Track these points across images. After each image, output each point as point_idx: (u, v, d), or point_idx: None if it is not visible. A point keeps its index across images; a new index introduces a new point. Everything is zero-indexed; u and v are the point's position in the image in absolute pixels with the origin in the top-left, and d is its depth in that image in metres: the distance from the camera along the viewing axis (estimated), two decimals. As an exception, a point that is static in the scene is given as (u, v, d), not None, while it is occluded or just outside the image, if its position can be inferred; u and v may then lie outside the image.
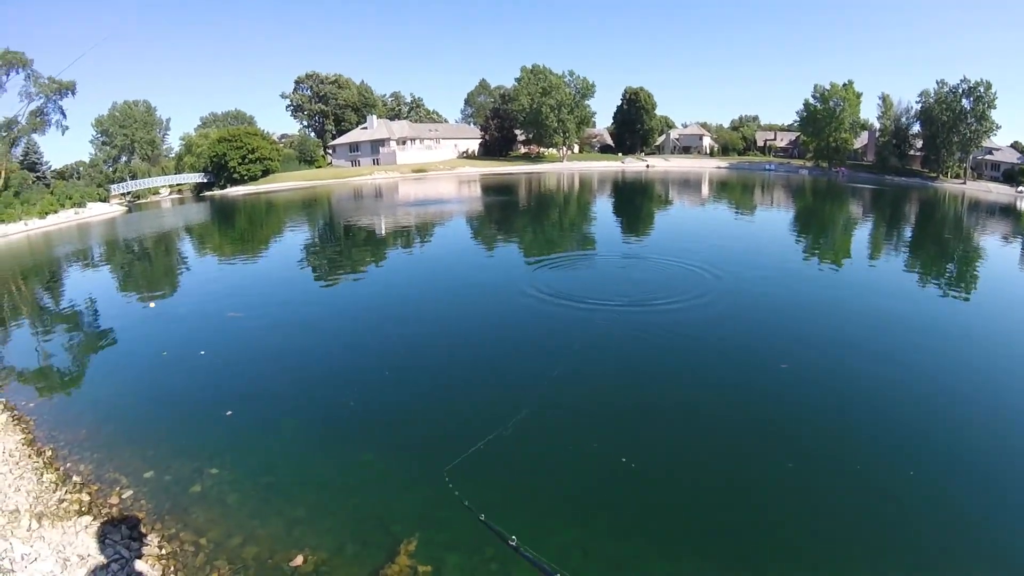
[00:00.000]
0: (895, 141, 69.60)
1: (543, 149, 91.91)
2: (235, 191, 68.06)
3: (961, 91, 59.24)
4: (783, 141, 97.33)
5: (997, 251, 19.48)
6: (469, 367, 8.70)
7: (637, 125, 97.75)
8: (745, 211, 30.66)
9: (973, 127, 58.15)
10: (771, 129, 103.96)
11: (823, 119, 72.40)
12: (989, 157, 63.19)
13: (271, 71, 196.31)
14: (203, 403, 7.67)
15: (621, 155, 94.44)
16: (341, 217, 34.86)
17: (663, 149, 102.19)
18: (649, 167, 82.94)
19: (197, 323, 11.57)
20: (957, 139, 59.24)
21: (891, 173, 65.51)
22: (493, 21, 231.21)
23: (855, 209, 32.17)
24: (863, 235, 22.24)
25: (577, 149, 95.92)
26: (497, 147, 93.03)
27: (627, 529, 4.92)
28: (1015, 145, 67.04)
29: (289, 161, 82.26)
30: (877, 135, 73.86)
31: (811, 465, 5.75)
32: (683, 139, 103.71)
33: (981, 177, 61.16)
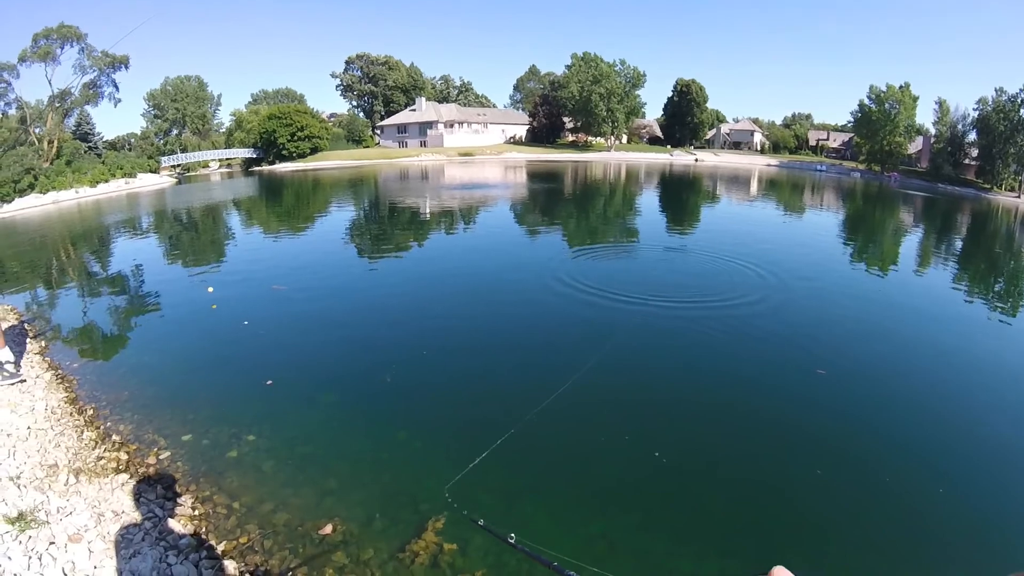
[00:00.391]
0: (950, 149, 66.98)
1: (591, 138, 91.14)
2: (283, 167, 69.06)
3: (1020, 100, 56.79)
4: (836, 142, 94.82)
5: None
6: (506, 351, 8.71)
7: (687, 118, 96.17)
8: (794, 212, 30.05)
9: (1030, 139, 55.87)
10: (824, 129, 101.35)
11: (877, 121, 70.13)
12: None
13: (322, 50, 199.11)
14: (244, 372, 7.83)
15: (670, 147, 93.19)
16: (387, 197, 35.12)
17: (713, 143, 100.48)
18: (698, 161, 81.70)
19: (241, 294, 11.78)
20: (1014, 150, 56.86)
21: (944, 181, 63.19)
22: (546, 7, 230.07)
23: (907, 217, 31.22)
24: (914, 245, 21.64)
25: (625, 139, 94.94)
26: (544, 134, 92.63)
27: (655, 523, 4.88)
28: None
29: (337, 140, 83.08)
30: (932, 141, 71.20)
31: (841, 473, 5.62)
32: (734, 134, 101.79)
33: (1037, 191, 58.75)
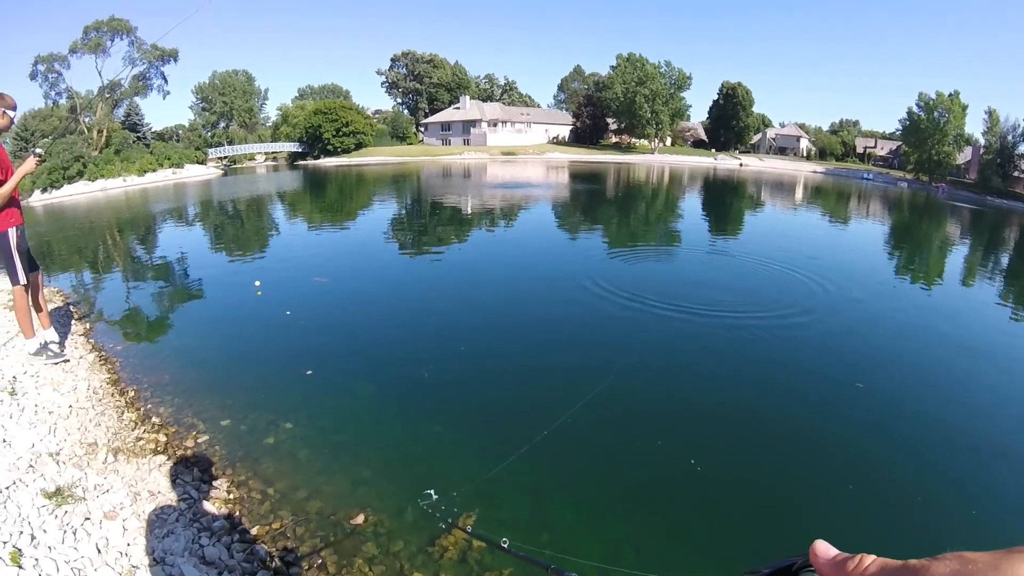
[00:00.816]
0: (999, 160, 64.79)
1: (634, 140, 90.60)
2: (328, 162, 70.14)
3: (1072, 111, 54.82)
4: (883, 150, 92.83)
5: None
6: (542, 351, 8.61)
7: (732, 121, 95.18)
8: (839, 220, 29.42)
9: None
10: (872, 136, 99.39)
11: (926, 130, 68.20)
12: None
13: (368, 47, 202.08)
14: (284, 360, 7.86)
15: (714, 151, 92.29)
16: (429, 194, 35.34)
17: (758, 148, 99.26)
18: (742, 165, 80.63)
19: (284, 284, 11.90)
20: (1065, 163, 54.91)
21: (992, 194, 61.01)
22: (592, 7, 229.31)
23: (954, 230, 30.31)
24: (962, 259, 20.92)
25: (669, 142, 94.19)
26: (588, 135, 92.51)
27: (684, 530, 4.77)
28: None
29: (381, 136, 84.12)
30: (981, 152, 69.02)
31: (870, 490, 5.41)
32: (779, 139, 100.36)
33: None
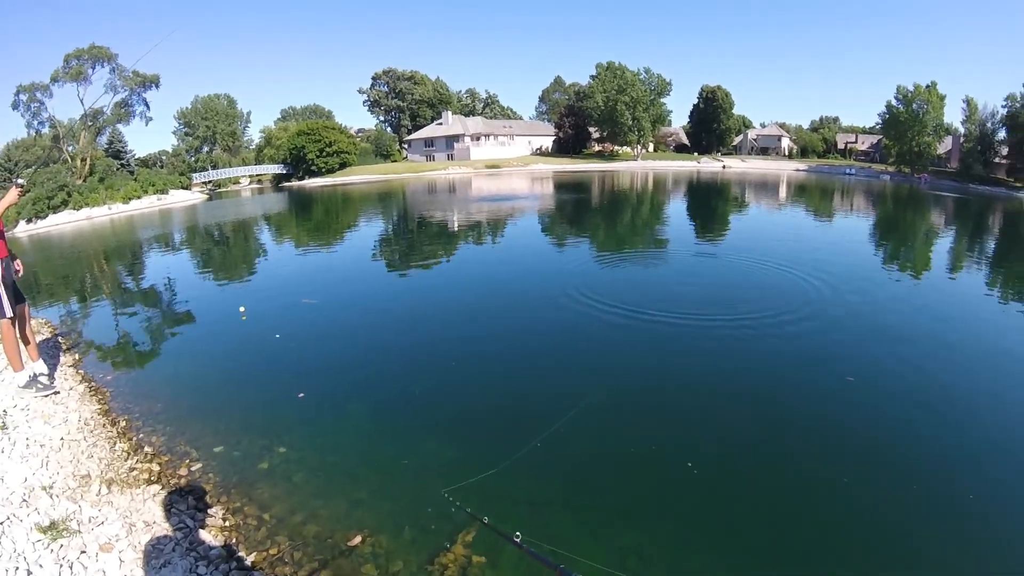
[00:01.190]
0: (979, 148, 65.31)
1: (617, 147, 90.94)
2: (313, 183, 70.10)
3: (1051, 95, 55.46)
4: (864, 144, 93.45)
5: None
6: (534, 361, 8.64)
7: (714, 124, 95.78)
8: (824, 216, 29.60)
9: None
10: (852, 131, 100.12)
11: (906, 122, 68.76)
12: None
13: (349, 67, 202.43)
14: (276, 384, 7.84)
15: (697, 155, 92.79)
16: (415, 210, 35.35)
17: (740, 149, 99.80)
18: (725, 167, 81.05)
19: (273, 307, 11.87)
20: (1046, 146, 55.42)
21: (975, 181, 61.52)
22: (570, 17, 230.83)
23: (941, 219, 30.56)
24: (948, 248, 21.09)
25: (652, 148, 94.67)
26: (571, 144, 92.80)
27: (689, 536, 4.76)
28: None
29: (365, 155, 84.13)
30: (961, 141, 69.64)
31: (869, 484, 5.44)
32: (761, 140, 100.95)
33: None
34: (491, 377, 8.10)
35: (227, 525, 4.70)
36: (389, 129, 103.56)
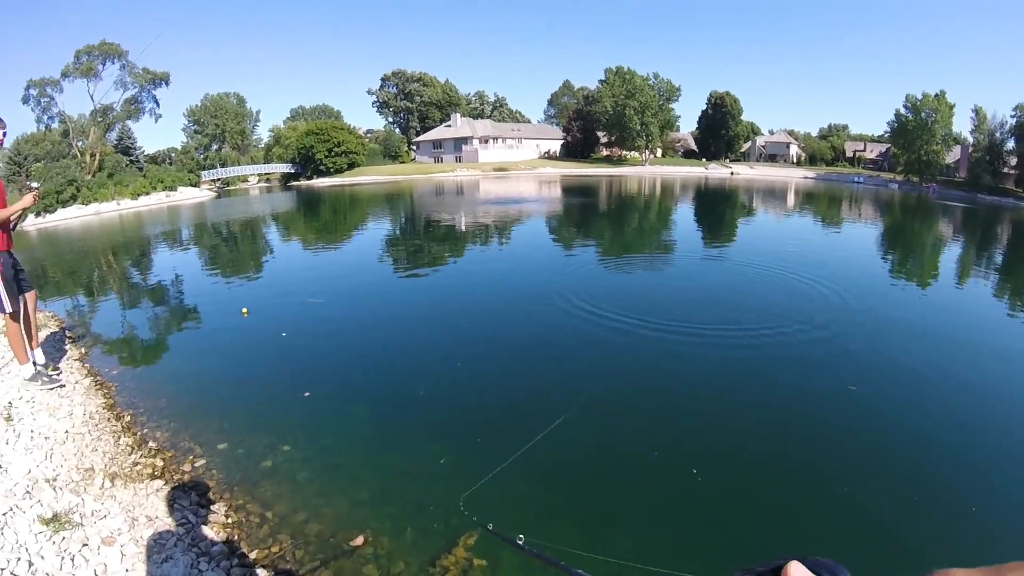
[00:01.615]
0: (988, 157, 65.03)
1: (625, 152, 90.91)
2: (321, 182, 70.26)
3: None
4: (873, 152, 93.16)
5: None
6: (543, 365, 8.60)
7: (722, 130, 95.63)
8: (833, 225, 29.53)
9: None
10: (861, 140, 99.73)
11: (914, 131, 68.53)
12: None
13: (359, 68, 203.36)
14: (281, 383, 7.82)
15: (704, 161, 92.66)
16: (422, 212, 35.38)
17: (748, 156, 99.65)
18: (733, 174, 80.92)
19: (279, 306, 11.88)
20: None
21: (983, 191, 61.28)
22: (580, 22, 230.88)
23: (950, 230, 30.45)
24: (957, 258, 20.99)
25: (660, 153, 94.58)
26: (579, 148, 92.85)
27: (691, 545, 4.74)
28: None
29: (374, 156, 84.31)
30: (969, 150, 69.33)
31: (872, 492, 5.41)
32: (769, 146, 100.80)
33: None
34: (496, 379, 8.09)
35: (229, 522, 4.70)
36: (398, 130, 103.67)
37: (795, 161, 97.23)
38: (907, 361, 8.77)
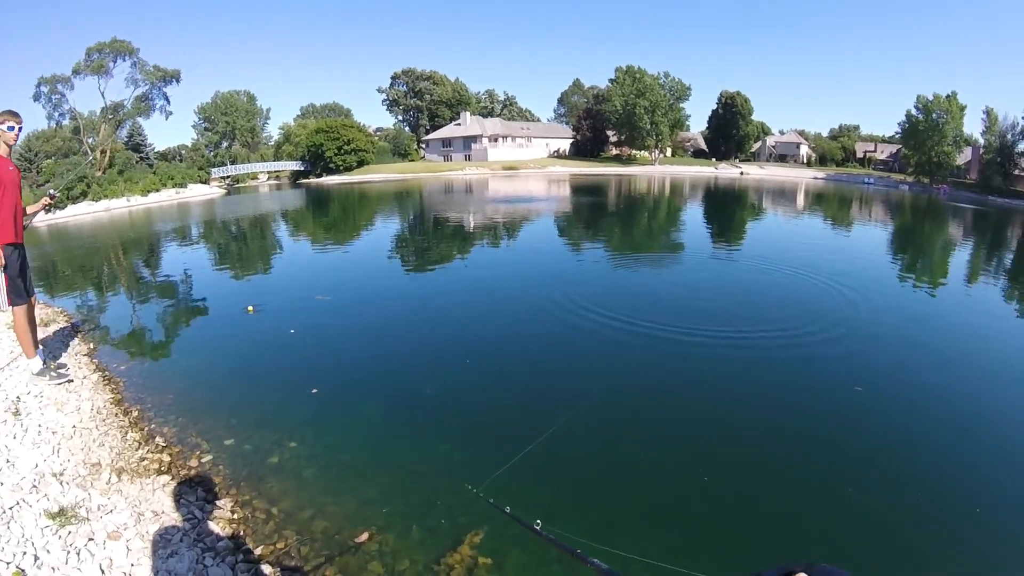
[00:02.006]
0: (999, 159, 64.53)
1: (635, 151, 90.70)
2: (330, 180, 70.42)
3: (1072, 106, 54.71)
4: (884, 153, 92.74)
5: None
6: (549, 364, 8.58)
7: (732, 130, 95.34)
8: (842, 226, 29.38)
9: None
10: (871, 140, 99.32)
11: (925, 132, 68.13)
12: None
13: (369, 66, 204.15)
14: (289, 379, 7.81)
15: (714, 160, 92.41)
16: (431, 210, 35.42)
17: (758, 156, 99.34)
18: (743, 174, 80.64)
19: (288, 303, 11.89)
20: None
21: (994, 193, 60.67)
22: (590, 21, 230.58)
23: (957, 231, 30.24)
24: (968, 261, 20.84)
25: (669, 152, 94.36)
26: (588, 147, 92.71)
27: (698, 549, 4.70)
28: None
29: (383, 154, 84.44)
30: (980, 152, 68.83)
31: (877, 492, 5.37)
32: (779, 147, 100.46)
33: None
34: (504, 378, 8.06)
35: (235, 518, 4.69)
36: (407, 128, 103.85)
37: (805, 161, 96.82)
38: (915, 363, 8.71)
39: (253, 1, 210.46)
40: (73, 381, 7.08)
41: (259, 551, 4.31)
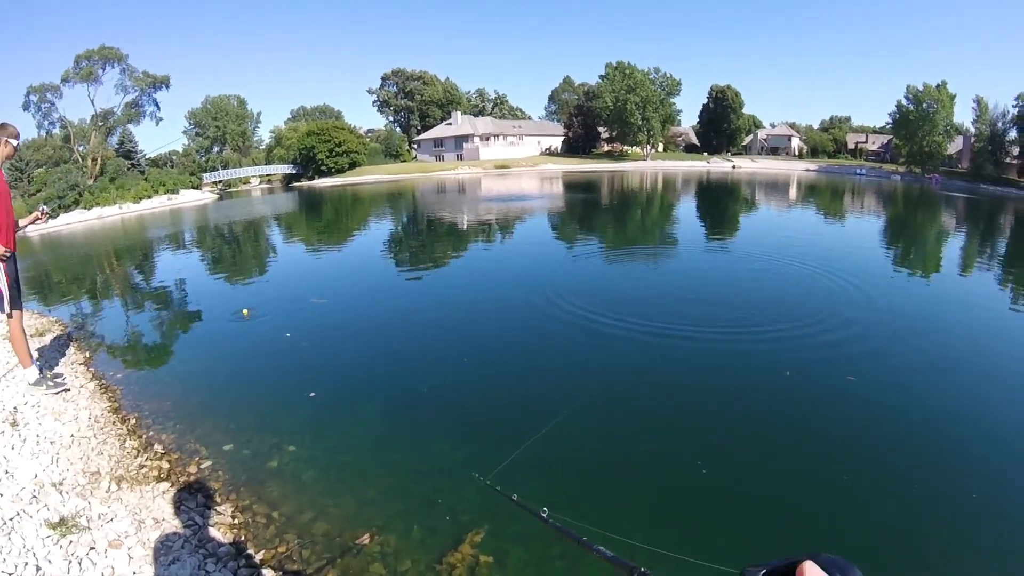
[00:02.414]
0: (990, 148, 64.77)
1: (626, 147, 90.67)
2: (322, 183, 70.25)
3: (1063, 94, 54.95)
4: (875, 144, 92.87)
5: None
6: (546, 362, 8.58)
7: (723, 124, 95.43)
8: (835, 217, 29.46)
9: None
10: (863, 131, 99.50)
11: (916, 122, 68.33)
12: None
13: (359, 67, 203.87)
14: (286, 383, 7.81)
15: (706, 155, 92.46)
16: (424, 210, 35.39)
17: (750, 149, 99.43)
18: (735, 167, 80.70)
19: (283, 306, 11.86)
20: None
21: (986, 182, 61.00)
22: (579, 17, 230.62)
23: (950, 220, 30.34)
24: (960, 249, 20.92)
25: (661, 148, 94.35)
26: (580, 144, 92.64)
27: (700, 538, 4.72)
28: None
29: (375, 155, 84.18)
30: (972, 141, 69.05)
31: (871, 482, 5.42)
32: (771, 139, 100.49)
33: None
34: (501, 375, 8.09)
35: (236, 523, 4.69)
36: (398, 129, 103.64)
37: (797, 154, 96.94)
38: (917, 356, 8.73)
39: (240, 5, 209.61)
40: (70, 390, 7.07)
41: (261, 556, 4.31)
